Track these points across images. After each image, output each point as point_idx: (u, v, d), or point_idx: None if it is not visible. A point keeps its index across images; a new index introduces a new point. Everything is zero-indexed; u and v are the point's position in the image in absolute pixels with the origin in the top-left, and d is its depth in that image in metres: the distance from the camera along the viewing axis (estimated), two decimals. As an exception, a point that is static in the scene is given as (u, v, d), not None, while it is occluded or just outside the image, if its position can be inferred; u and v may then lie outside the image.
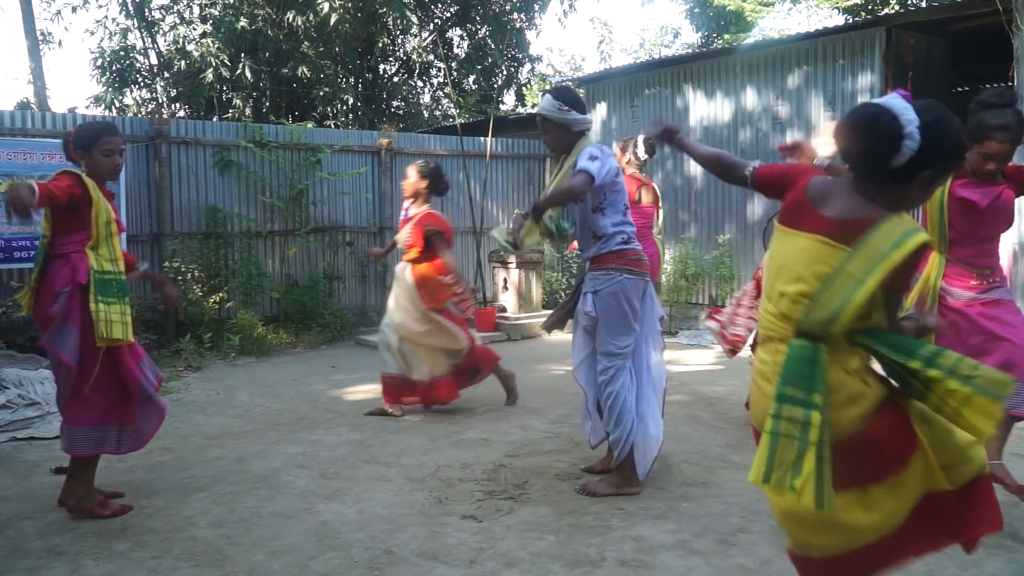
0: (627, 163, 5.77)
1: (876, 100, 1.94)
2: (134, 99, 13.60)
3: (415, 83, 15.80)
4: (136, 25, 12.94)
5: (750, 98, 8.79)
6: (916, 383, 1.91)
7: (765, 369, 2.02)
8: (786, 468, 1.85)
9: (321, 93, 13.15)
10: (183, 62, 12.45)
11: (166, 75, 13.02)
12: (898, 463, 1.95)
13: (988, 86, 10.40)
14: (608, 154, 3.78)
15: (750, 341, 5.09)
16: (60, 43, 26.30)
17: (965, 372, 1.86)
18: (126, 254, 4.02)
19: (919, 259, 1.88)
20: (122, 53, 12.85)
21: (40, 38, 13.32)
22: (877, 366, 2.01)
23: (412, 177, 5.38)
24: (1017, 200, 3.50)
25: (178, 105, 13.33)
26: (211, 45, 11.77)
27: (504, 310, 9.16)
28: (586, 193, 3.67)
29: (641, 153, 5.78)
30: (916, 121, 1.83)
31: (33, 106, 12.37)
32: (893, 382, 2.01)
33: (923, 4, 14.16)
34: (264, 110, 13.38)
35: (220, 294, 8.04)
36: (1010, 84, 6.95)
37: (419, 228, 5.24)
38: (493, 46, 14.62)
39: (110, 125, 3.78)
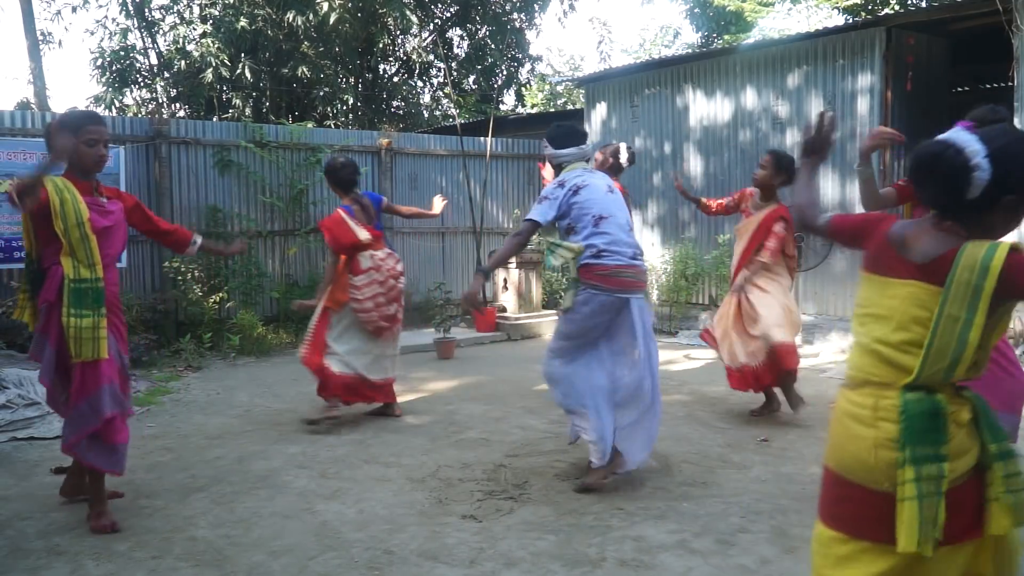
0: (608, 169, 5.78)
1: (939, 137, 1.93)
2: (134, 99, 13.60)
3: (415, 83, 15.80)
4: (136, 25, 12.95)
5: (750, 98, 8.79)
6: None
7: (861, 413, 1.96)
8: (932, 524, 1.84)
9: (321, 93, 13.15)
10: (183, 62, 12.45)
11: (166, 75, 13.02)
12: (970, 533, 1.91)
13: (988, 86, 10.40)
14: (557, 187, 3.90)
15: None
16: (60, 43, 26.30)
17: (1016, 486, 1.89)
18: (178, 228, 4.01)
19: (1017, 268, 1.82)
20: (122, 53, 12.86)
21: (40, 38, 13.32)
22: None
23: None
24: None
25: (178, 105, 13.33)
26: (211, 45, 11.77)
27: (504, 310, 9.16)
28: (527, 240, 4.05)
29: (624, 161, 5.80)
30: (983, 151, 1.81)
31: (33, 106, 12.37)
32: None
33: (923, 4, 14.16)
34: (264, 110, 13.38)
35: (220, 294, 8.04)
36: (1010, 84, 6.95)
37: None
38: (493, 46, 14.62)
39: (93, 114, 3.67)
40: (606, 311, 3.80)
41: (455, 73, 14.91)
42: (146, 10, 12.92)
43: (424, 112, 16.13)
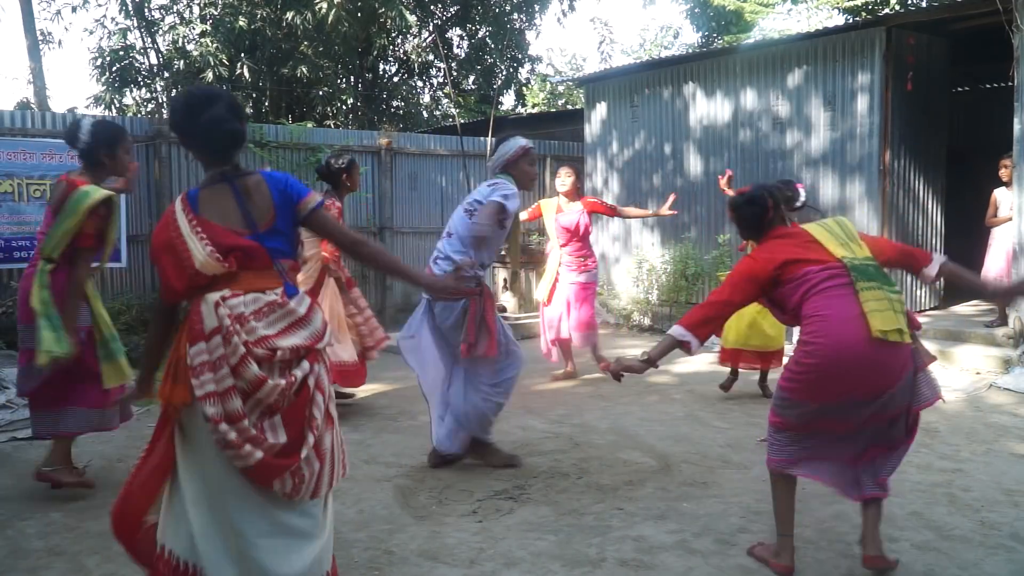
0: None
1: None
2: (134, 99, 13.60)
3: (415, 83, 15.80)
4: (136, 25, 12.94)
5: (750, 98, 8.78)
6: None
7: None
8: None
9: (321, 93, 13.15)
10: (182, 62, 12.44)
11: (166, 75, 13.01)
12: None
13: (988, 86, 10.41)
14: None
15: None
16: (60, 43, 26.26)
17: None
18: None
19: None
20: (122, 53, 12.85)
21: (40, 38, 13.32)
22: None
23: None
24: (1016, 199, 3.60)
25: (178, 105, 13.31)
26: (210, 45, 11.76)
27: (504, 310, 9.15)
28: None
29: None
30: None
31: (33, 106, 12.37)
32: None
33: (923, 4, 14.15)
34: (264, 110, 13.37)
35: (220, 294, 8.03)
36: (1010, 84, 6.95)
37: None
38: (493, 46, 14.62)
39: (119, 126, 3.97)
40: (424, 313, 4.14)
41: (455, 73, 14.91)
42: (145, 10, 12.91)
43: (424, 112, 16.12)
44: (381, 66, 15.19)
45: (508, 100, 17.42)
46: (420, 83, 16.01)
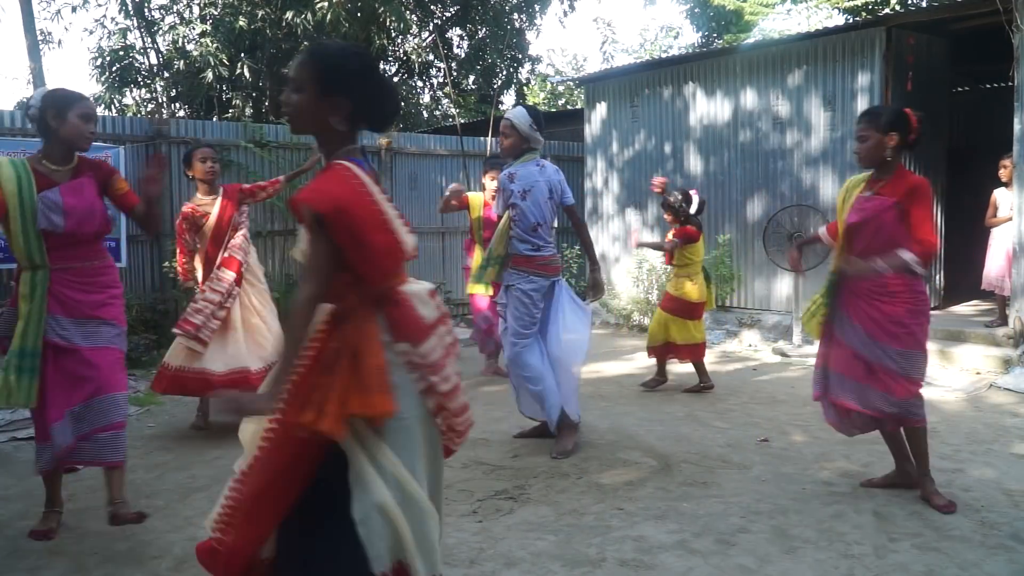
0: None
1: None
2: (134, 99, 13.59)
3: (415, 83, 15.80)
4: (136, 25, 12.94)
5: (750, 98, 8.78)
6: None
7: None
8: None
9: (321, 93, 13.13)
10: (182, 62, 12.44)
11: (166, 75, 13.02)
12: None
13: (988, 86, 10.40)
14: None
15: None
16: (60, 43, 26.22)
17: None
18: None
19: None
20: (121, 53, 12.85)
21: (40, 38, 13.29)
22: None
23: None
24: (1016, 199, 3.63)
25: (178, 105, 13.33)
26: (210, 45, 11.76)
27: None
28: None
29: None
30: None
31: (33, 106, 12.36)
32: None
33: (923, 4, 14.15)
34: (264, 110, 13.37)
35: (220, 294, 8.03)
36: (1010, 84, 6.95)
37: None
38: (493, 46, 14.63)
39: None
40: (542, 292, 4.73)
41: (455, 73, 14.91)
42: (145, 10, 12.92)
43: (424, 112, 16.12)
44: (381, 66, 15.19)
45: (508, 100, 17.41)
46: (420, 83, 16.01)
